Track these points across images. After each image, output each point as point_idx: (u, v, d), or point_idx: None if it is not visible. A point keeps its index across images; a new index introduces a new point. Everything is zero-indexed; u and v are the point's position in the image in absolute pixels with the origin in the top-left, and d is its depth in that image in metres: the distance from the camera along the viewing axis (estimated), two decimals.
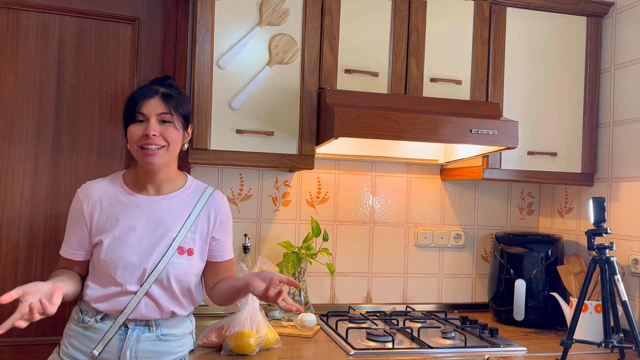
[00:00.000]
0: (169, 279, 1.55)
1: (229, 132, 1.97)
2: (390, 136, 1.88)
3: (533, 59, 2.26)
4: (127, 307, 1.53)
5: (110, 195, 1.58)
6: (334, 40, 2.07)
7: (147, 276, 1.54)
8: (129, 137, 1.55)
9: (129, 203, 1.58)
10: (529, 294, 2.24)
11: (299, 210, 2.39)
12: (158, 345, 1.58)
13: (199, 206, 1.63)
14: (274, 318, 2.14)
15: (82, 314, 1.57)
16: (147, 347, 1.56)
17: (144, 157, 1.54)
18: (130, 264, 1.53)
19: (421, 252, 2.53)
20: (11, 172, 2.09)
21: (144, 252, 1.54)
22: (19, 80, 2.10)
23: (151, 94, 1.55)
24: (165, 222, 1.58)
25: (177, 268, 1.56)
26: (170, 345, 1.60)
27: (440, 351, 1.84)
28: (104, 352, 1.53)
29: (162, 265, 1.54)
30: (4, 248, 2.08)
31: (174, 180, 1.64)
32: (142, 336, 1.56)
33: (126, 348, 1.54)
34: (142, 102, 1.53)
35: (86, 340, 1.54)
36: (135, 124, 1.54)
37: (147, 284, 1.54)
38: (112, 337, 1.53)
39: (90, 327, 1.55)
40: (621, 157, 2.21)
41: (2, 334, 1.25)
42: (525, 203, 2.65)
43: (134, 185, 1.61)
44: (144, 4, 2.22)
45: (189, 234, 1.60)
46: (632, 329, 1.66)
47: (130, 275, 1.53)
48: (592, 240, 1.74)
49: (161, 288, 1.55)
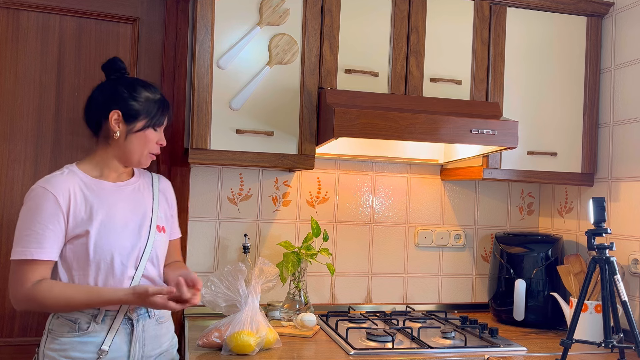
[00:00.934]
0: (157, 256, 1.64)
1: (229, 132, 1.97)
2: (390, 136, 1.88)
3: (533, 59, 2.26)
4: None
5: (79, 186, 1.56)
6: (334, 40, 2.07)
7: (141, 258, 1.58)
8: (144, 140, 1.62)
9: (100, 191, 1.59)
10: (529, 294, 2.24)
11: (299, 210, 2.39)
12: (158, 329, 1.64)
13: (155, 188, 1.73)
14: (274, 318, 2.14)
15: (75, 322, 1.52)
16: (151, 334, 1.61)
17: (146, 160, 1.66)
18: (124, 248, 1.55)
19: (421, 252, 2.53)
20: (11, 172, 2.09)
21: (133, 234, 1.58)
22: (19, 80, 2.10)
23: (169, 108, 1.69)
24: (139, 204, 1.65)
25: (160, 245, 1.65)
26: (164, 327, 1.67)
27: (440, 351, 1.84)
28: (112, 351, 1.52)
29: (150, 244, 1.60)
30: (4, 248, 2.08)
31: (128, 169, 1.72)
32: (146, 324, 1.59)
33: (135, 340, 1.56)
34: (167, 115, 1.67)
35: (87, 346, 1.51)
36: (154, 131, 1.64)
37: (141, 266, 1.58)
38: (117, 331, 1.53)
39: (89, 332, 1.51)
40: (621, 157, 2.21)
41: (2, 333, 1.25)
42: (525, 203, 2.65)
43: (98, 174, 1.63)
44: (144, 4, 2.22)
45: (159, 213, 1.68)
46: (632, 329, 1.66)
47: (128, 259, 1.55)
48: (592, 240, 1.74)
49: (152, 265, 1.62)
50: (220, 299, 1.84)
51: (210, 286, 1.85)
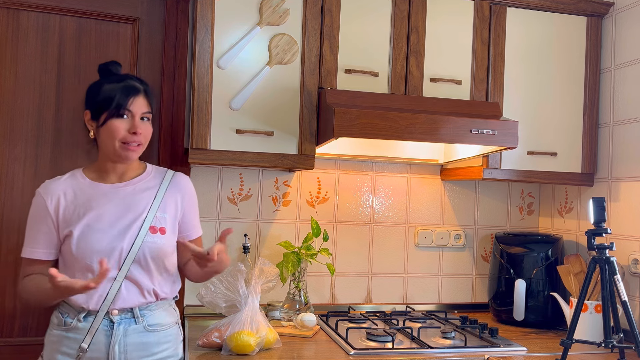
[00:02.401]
0: (146, 258, 1.58)
1: (229, 132, 1.97)
2: (390, 136, 1.88)
3: (533, 59, 2.26)
4: (109, 294, 1.53)
5: (73, 189, 1.59)
6: (334, 40, 2.07)
7: (125, 258, 1.55)
8: (111, 131, 1.55)
9: (94, 193, 1.59)
10: (529, 294, 2.24)
11: (299, 210, 2.39)
12: (146, 337, 1.58)
13: (163, 186, 1.67)
14: (274, 318, 2.14)
15: (63, 316, 1.55)
16: (135, 340, 1.56)
17: (124, 151, 1.57)
18: (104, 248, 1.54)
19: (421, 252, 2.53)
20: (11, 172, 2.09)
21: (117, 235, 1.56)
22: (19, 80, 2.10)
23: (137, 92, 1.58)
24: (134, 205, 1.61)
25: (152, 246, 1.59)
26: (158, 336, 1.60)
27: (440, 351, 1.84)
28: (92, 350, 1.52)
29: (137, 246, 1.56)
30: (4, 248, 2.08)
31: (135, 167, 1.68)
32: (129, 329, 1.56)
33: (114, 343, 1.53)
34: (131, 98, 1.57)
35: (71, 342, 1.53)
36: (118, 119, 1.56)
37: (125, 267, 1.55)
38: (97, 330, 1.52)
39: (72, 328, 1.54)
40: (621, 157, 2.21)
41: (2, 333, 1.25)
42: (525, 203, 2.65)
43: (96, 177, 1.63)
44: (144, 4, 2.22)
45: (158, 213, 1.62)
46: (632, 329, 1.66)
47: (108, 261, 1.52)
48: (592, 240, 1.74)
49: (140, 268, 1.58)
50: (220, 300, 1.85)
51: (210, 287, 1.85)
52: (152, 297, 1.60)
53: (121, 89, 1.57)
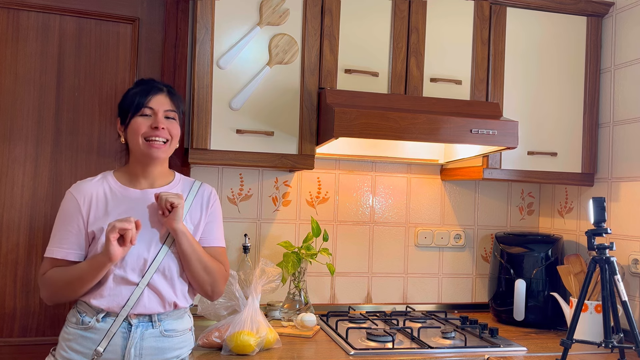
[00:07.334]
0: (170, 269, 1.58)
1: (229, 132, 1.97)
2: (390, 136, 1.88)
3: (533, 59, 2.26)
4: (130, 299, 1.53)
5: (104, 192, 1.61)
6: (334, 40, 2.07)
7: (148, 267, 1.55)
8: (134, 129, 1.59)
9: (123, 198, 1.61)
10: (529, 294, 2.24)
11: (299, 210, 2.39)
12: (162, 342, 1.58)
13: (190, 196, 1.68)
14: (274, 318, 2.14)
15: (81, 315, 1.56)
16: (151, 344, 1.56)
17: (149, 149, 1.59)
18: (129, 256, 1.54)
19: (421, 252, 2.53)
20: (11, 172, 2.09)
21: (143, 243, 1.56)
22: (19, 80, 2.10)
23: (157, 90, 1.64)
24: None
25: (176, 257, 1.59)
26: (173, 341, 1.60)
27: (440, 351, 1.84)
28: (107, 352, 1.52)
29: (161, 255, 1.57)
30: (4, 248, 2.08)
31: (165, 175, 1.70)
32: (146, 333, 1.56)
33: (130, 346, 1.53)
34: (150, 97, 1.61)
35: (86, 342, 1.53)
36: (141, 117, 1.60)
37: (148, 275, 1.55)
38: (114, 334, 1.52)
39: (90, 327, 1.54)
40: (621, 157, 2.21)
41: (2, 333, 1.25)
42: (525, 203, 2.65)
43: (127, 181, 1.65)
44: (144, 4, 2.22)
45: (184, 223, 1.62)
46: (632, 329, 1.66)
47: (132, 266, 1.54)
48: (592, 240, 1.74)
49: (163, 278, 1.57)
50: (221, 309, 1.88)
51: (206, 301, 1.86)
52: (171, 308, 1.60)
53: (142, 90, 1.63)
